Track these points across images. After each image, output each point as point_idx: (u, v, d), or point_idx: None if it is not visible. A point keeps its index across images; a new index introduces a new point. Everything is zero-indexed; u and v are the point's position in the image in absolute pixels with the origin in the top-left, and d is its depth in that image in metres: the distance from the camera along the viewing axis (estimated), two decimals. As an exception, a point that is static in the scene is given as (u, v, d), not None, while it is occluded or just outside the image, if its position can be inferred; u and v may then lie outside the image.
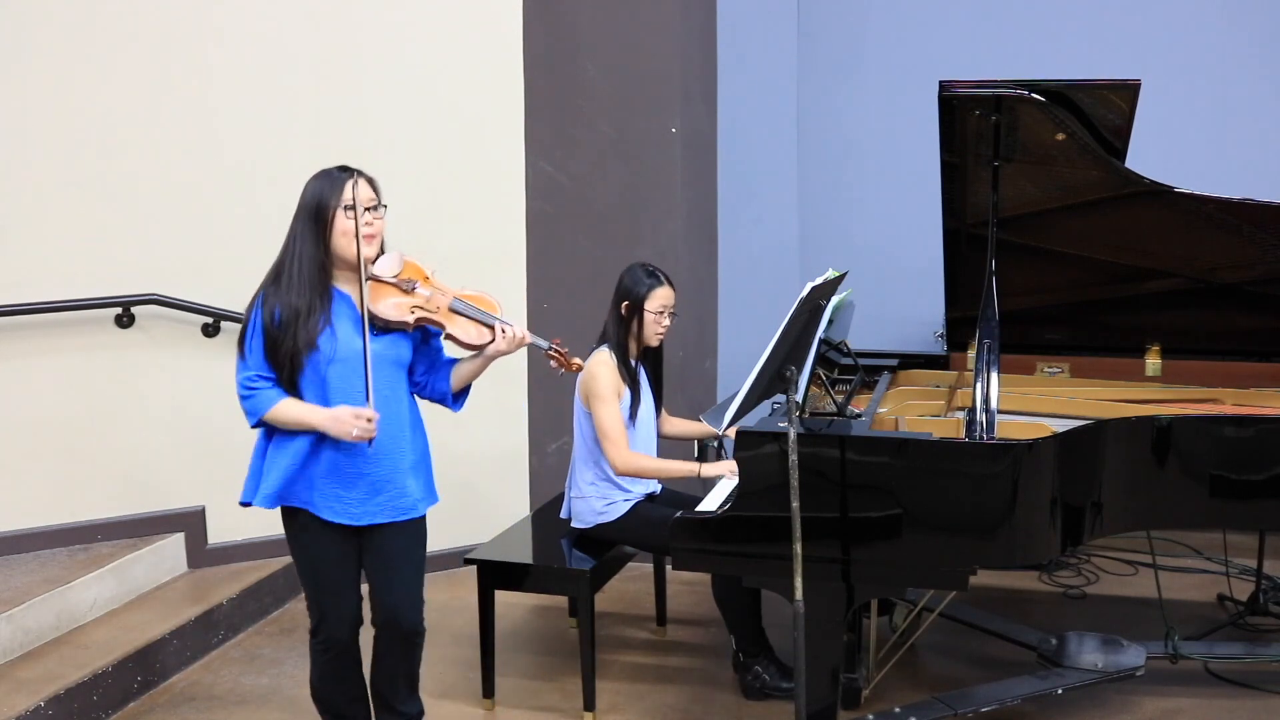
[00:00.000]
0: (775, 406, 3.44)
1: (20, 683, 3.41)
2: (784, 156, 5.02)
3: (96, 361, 4.22)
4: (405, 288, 2.83)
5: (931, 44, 4.97)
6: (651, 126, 4.78)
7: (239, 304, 4.38)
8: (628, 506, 3.61)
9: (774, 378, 2.74)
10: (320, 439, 2.79)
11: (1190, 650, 3.65)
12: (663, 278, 3.61)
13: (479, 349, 2.90)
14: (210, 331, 4.37)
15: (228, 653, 4.05)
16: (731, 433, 2.95)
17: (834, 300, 3.23)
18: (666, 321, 3.62)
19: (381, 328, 2.80)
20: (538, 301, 4.83)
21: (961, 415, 3.50)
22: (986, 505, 2.82)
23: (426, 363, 2.99)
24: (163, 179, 4.26)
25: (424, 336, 2.94)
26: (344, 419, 2.73)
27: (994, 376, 3.10)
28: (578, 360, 3.06)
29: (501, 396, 4.75)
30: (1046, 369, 3.95)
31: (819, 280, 2.79)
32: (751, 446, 2.88)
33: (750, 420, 2.94)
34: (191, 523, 4.41)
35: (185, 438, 4.39)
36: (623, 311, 3.58)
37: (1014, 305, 3.58)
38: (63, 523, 4.18)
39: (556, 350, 3.03)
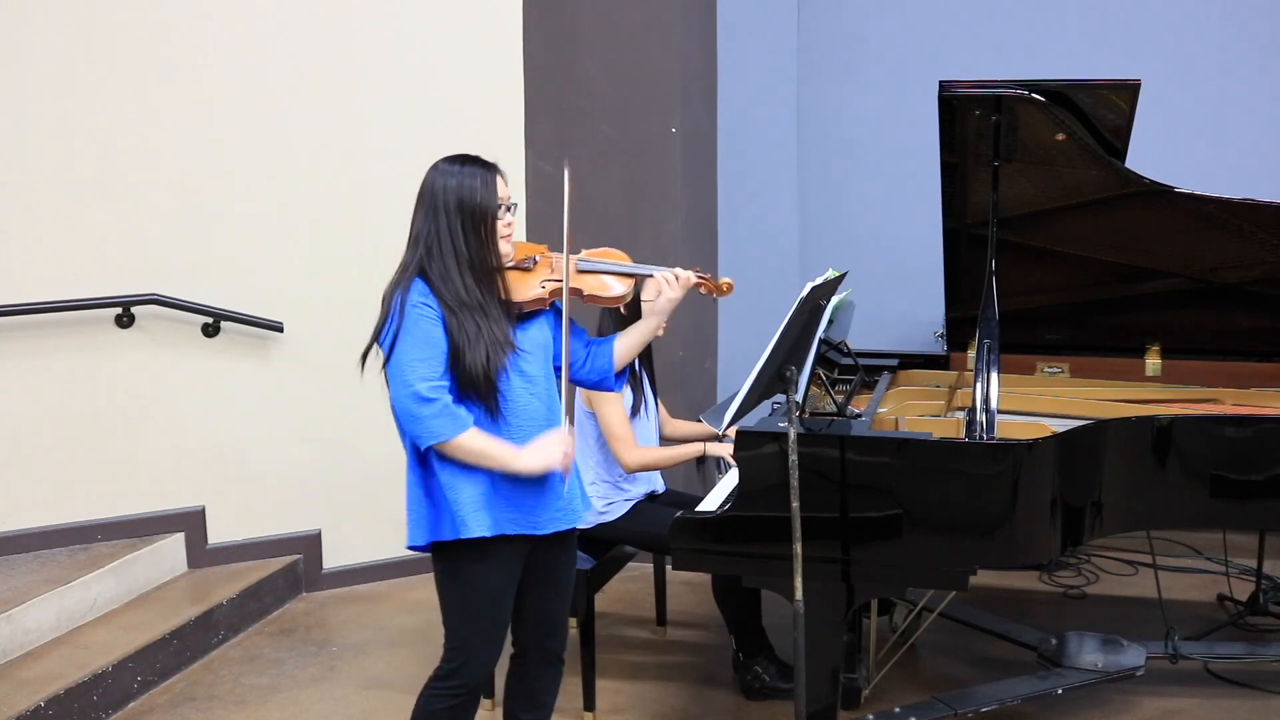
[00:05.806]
0: (775, 406, 3.43)
1: (20, 683, 3.41)
2: (784, 156, 5.02)
3: (96, 361, 4.22)
4: (525, 266, 2.66)
5: (931, 44, 4.97)
6: (651, 126, 4.78)
7: (239, 304, 4.44)
8: (628, 506, 3.61)
9: (774, 378, 2.74)
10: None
11: (1190, 650, 3.65)
12: None
13: (623, 301, 2.72)
14: (210, 331, 4.37)
15: (228, 653, 4.05)
16: (731, 433, 2.94)
17: (834, 300, 3.22)
18: None
19: (519, 316, 2.61)
20: (538, 301, 4.83)
21: (961, 415, 3.50)
22: (986, 505, 2.82)
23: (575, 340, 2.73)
24: (163, 179, 4.26)
25: (557, 315, 2.68)
26: (552, 452, 2.47)
27: (994, 376, 3.10)
28: (726, 280, 2.83)
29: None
30: (1046, 369, 3.95)
31: (819, 280, 2.79)
32: (751, 446, 2.87)
33: (750, 420, 2.93)
34: (191, 523, 4.41)
35: (185, 437, 4.38)
36: (623, 311, 3.58)
37: (1014, 305, 3.58)
38: (63, 523, 4.17)
39: (701, 277, 2.78)
